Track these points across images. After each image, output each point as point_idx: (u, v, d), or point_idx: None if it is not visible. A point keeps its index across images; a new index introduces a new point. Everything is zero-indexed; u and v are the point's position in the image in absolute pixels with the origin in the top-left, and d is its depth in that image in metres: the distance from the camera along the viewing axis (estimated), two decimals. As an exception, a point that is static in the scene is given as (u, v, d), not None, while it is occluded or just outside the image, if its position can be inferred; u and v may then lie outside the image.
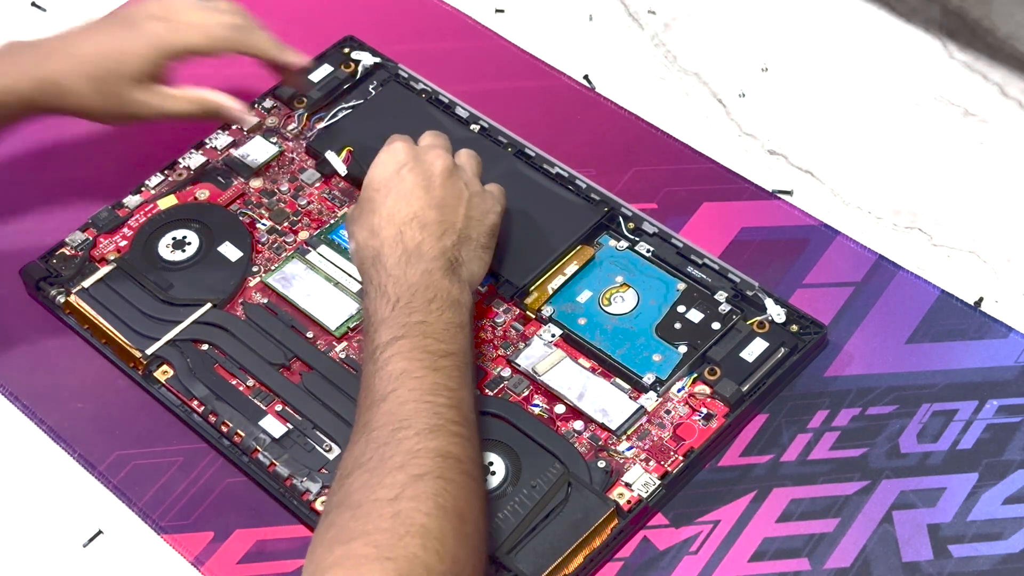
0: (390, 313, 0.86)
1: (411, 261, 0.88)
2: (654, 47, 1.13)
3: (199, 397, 0.94)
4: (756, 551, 0.87)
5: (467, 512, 0.78)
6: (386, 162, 0.93)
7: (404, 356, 0.84)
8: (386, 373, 0.83)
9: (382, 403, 0.82)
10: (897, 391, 0.92)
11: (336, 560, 0.74)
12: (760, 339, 0.93)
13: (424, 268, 0.88)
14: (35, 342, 0.99)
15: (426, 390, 0.82)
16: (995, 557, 0.85)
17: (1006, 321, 0.95)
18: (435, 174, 0.92)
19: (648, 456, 0.90)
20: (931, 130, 1.06)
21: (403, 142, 0.94)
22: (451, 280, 0.88)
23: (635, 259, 0.98)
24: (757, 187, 1.03)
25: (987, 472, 0.88)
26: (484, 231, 0.92)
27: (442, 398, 0.82)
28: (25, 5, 1.20)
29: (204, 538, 0.90)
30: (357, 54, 1.10)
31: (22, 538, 0.91)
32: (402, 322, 0.86)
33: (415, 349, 0.84)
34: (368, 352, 0.86)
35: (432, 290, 0.87)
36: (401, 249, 0.89)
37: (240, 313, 0.98)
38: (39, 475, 0.94)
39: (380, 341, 0.85)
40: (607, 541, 0.86)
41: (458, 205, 0.91)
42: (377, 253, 0.89)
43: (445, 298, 0.87)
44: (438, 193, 0.91)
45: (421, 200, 0.90)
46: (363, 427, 0.82)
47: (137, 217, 1.02)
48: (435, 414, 0.81)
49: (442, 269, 0.88)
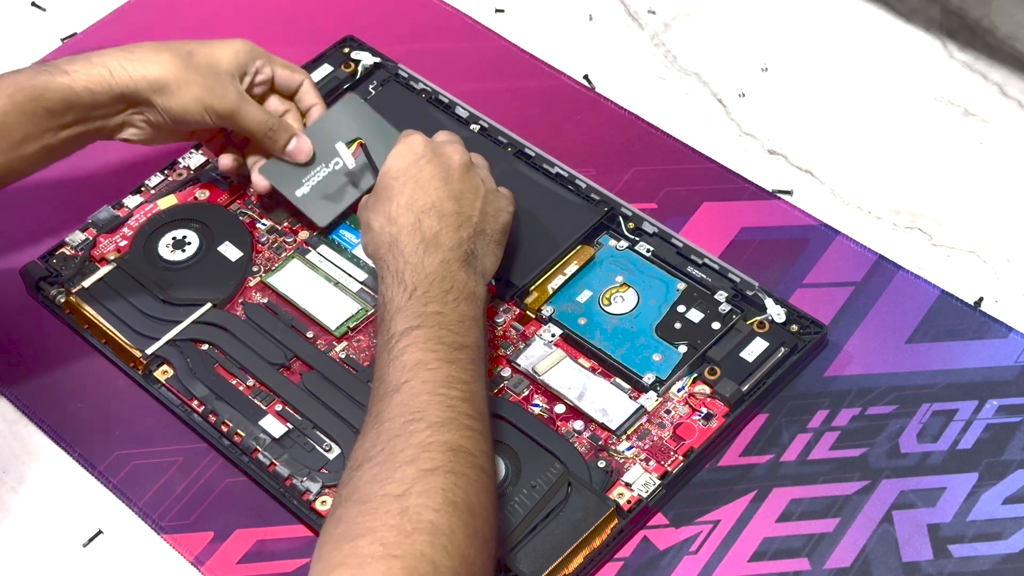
0: (407, 302, 0.86)
1: (429, 250, 0.88)
2: (654, 47, 1.13)
3: (199, 397, 0.94)
4: (756, 551, 0.87)
5: (477, 507, 0.78)
6: (404, 153, 0.93)
7: (419, 347, 0.84)
8: (400, 363, 0.83)
9: (395, 394, 0.82)
10: (897, 391, 0.92)
11: (343, 558, 0.74)
12: (760, 339, 0.93)
13: (442, 258, 0.88)
14: (35, 342, 0.99)
15: (440, 382, 0.82)
16: (995, 557, 0.85)
17: (1006, 321, 0.95)
18: (453, 167, 0.92)
19: (648, 456, 0.90)
20: (931, 130, 1.06)
21: (419, 135, 0.94)
22: (467, 272, 0.89)
23: (635, 259, 0.98)
24: (757, 187, 1.03)
25: (987, 472, 0.88)
26: (498, 228, 0.93)
27: (456, 391, 0.82)
28: (25, 5, 1.20)
29: (204, 538, 0.90)
30: (357, 54, 1.10)
31: (22, 538, 0.91)
32: (418, 312, 0.85)
33: (431, 340, 0.84)
34: (382, 340, 0.86)
35: (449, 280, 0.87)
36: (419, 237, 0.89)
37: (240, 313, 0.98)
38: (39, 475, 0.94)
39: (396, 330, 0.85)
40: (607, 541, 0.86)
41: (475, 199, 0.92)
42: (394, 239, 0.89)
43: (461, 289, 0.87)
44: (456, 185, 0.91)
45: (440, 191, 0.91)
46: (375, 418, 0.82)
47: (137, 217, 1.03)
48: (448, 407, 0.81)
49: (459, 260, 0.89)
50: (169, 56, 0.95)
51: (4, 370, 0.98)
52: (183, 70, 0.95)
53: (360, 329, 0.96)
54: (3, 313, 1.00)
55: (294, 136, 1.00)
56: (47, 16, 1.19)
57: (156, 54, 0.95)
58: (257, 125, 0.98)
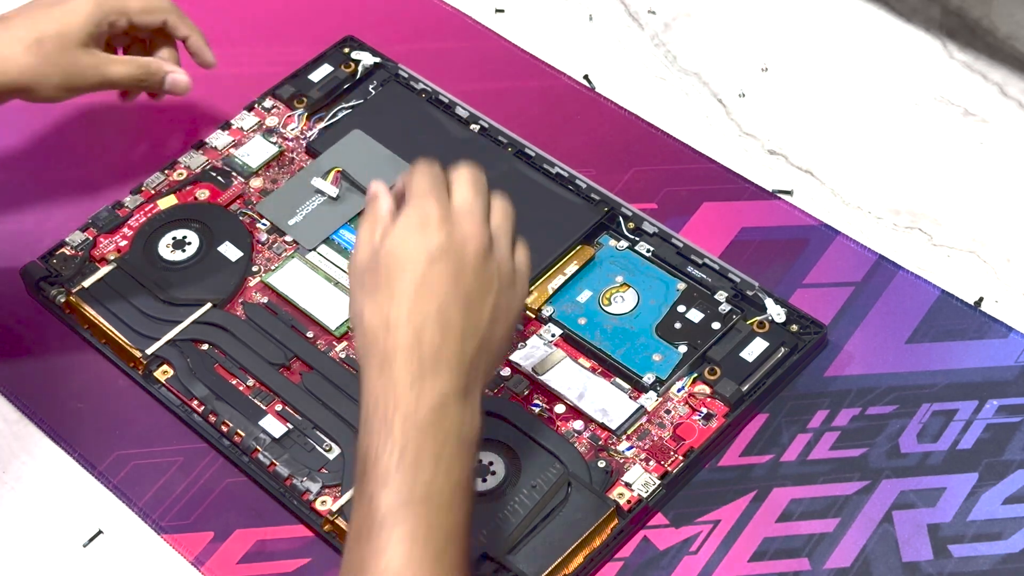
0: (394, 464, 0.75)
1: (426, 379, 0.77)
2: (654, 47, 1.13)
3: (199, 397, 0.94)
4: (756, 551, 0.87)
5: None
6: (414, 229, 0.80)
7: (406, 543, 0.74)
8: (381, 547, 0.74)
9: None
10: (897, 391, 0.92)
11: None
12: (760, 339, 0.93)
13: (439, 391, 0.77)
14: (35, 342, 0.99)
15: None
16: (995, 557, 0.85)
17: (1006, 321, 0.95)
18: (468, 258, 0.79)
19: (648, 456, 0.90)
20: (931, 130, 1.06)
21: (435, 198, 0.80)
22: (464, 410, 0.78)
23: (635, 259, 0.98)
24: (757, 187, 1.03)
25: (987, 472, 0.88)
26: (506, 328, 0.81)
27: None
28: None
29: (204, 538, 0.90)
30: (357, 54, 1.10)
31: (22, 538, 0.91)
32: (407, 487, 0.75)
33: (419, 528, 0.74)
34: (362, 500, 0.76)
35: (443, 431, 0.76)
36: (417, 362, 0.77)
37: (240, 313, 0.98)
38: (39, 475, 0.94)
39: (379, 502, 0.74)
40: (607, 541, 0.86)
41: (486, 297, 0.80)
42: (387, 358, 0.77)
43: (456, 443, 0.77)
44: (468, 283, 0.79)
45: (447, 292, 0.78)
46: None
47: (137, 217, 1.02)
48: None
49: (458, 394, 0.77)
50: (21, 53, 0.93)
51: (4, 370, 0.98)
52: (37, 66, 0.94)
53: (360, 329, 0.96)
54: (3, 313, 1.00)
55: (167, 74, 0.99)
56: (47, 16, 1.19)
57: (13, 50, 0.93)
58: (127, 79, 0.98)
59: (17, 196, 1.06)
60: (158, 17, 0.99)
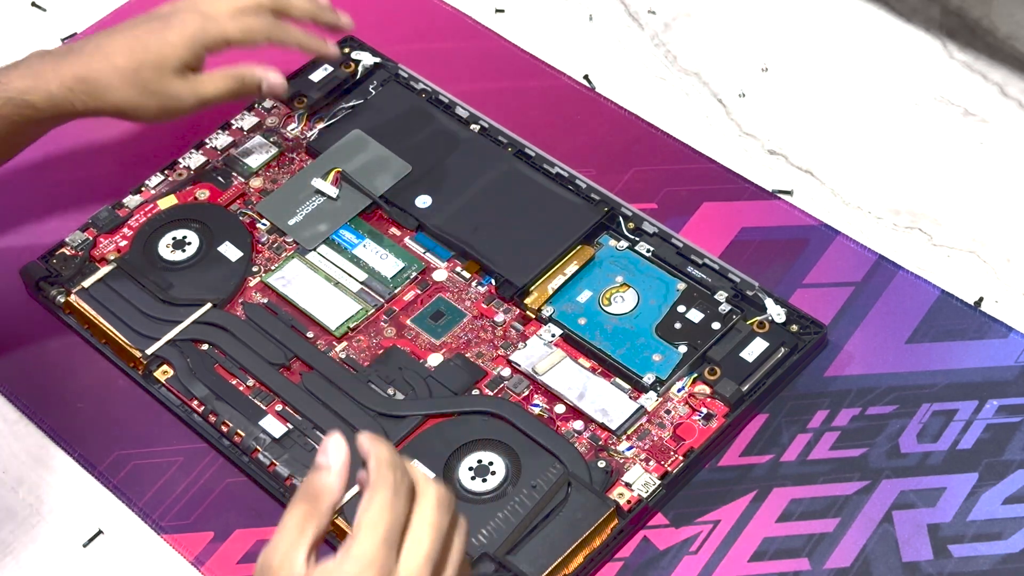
0: None
1: None
2: (654, 47, 1.13)
3: (199, 397, 0.94)
4: (756, 551, 0.87)
5: None
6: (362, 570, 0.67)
7: None
8: None
9: None
10: (897, 391, 0.92)
11: None
12: (760, 339, 0.93)
13: None
14: (35, 342, 0.99)
15: None
16: (995, 557, 0.85)
17: (1006, 321, 0.95)
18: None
19: (648, 456, 0.90)
20: (931, 130, 1.06)
21: (381, 541, 0.68)
22: None
23: (635, 259, 0.98)
24: (757, 187, 1.03)
25: (987, 472, 0.88)
26: None
27: None
28: (25, 5, 1.20)
29: (204, 538, 0.90)
30: (357, 54, 1.10)
31: (22, 538, 0.91)
32: None
33: None
34: None
35: None
36: None
37: (240, 313, 0.98)
38: (39, 475, 0.94)
39: None
40: (607, 541, 0.86)
41: None
42: None
43: None
44: None
45: None
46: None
47: (137, 217, 1.02)
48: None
49: None
50: (119, 84, 0.94)
51: (4, 370, 0.98)
52: (136, 97, 0.95)
53: (360, 329, 0.96)
54: (3, 313, 1.00)
55: (262, 80, 0.99)
56: (47, 16, 1.19)
57: (111, 80, 0.94)
58: (224, 95, 0.98)
59: (17, 196, 1.06)
60: (259, 38, 0.98)
